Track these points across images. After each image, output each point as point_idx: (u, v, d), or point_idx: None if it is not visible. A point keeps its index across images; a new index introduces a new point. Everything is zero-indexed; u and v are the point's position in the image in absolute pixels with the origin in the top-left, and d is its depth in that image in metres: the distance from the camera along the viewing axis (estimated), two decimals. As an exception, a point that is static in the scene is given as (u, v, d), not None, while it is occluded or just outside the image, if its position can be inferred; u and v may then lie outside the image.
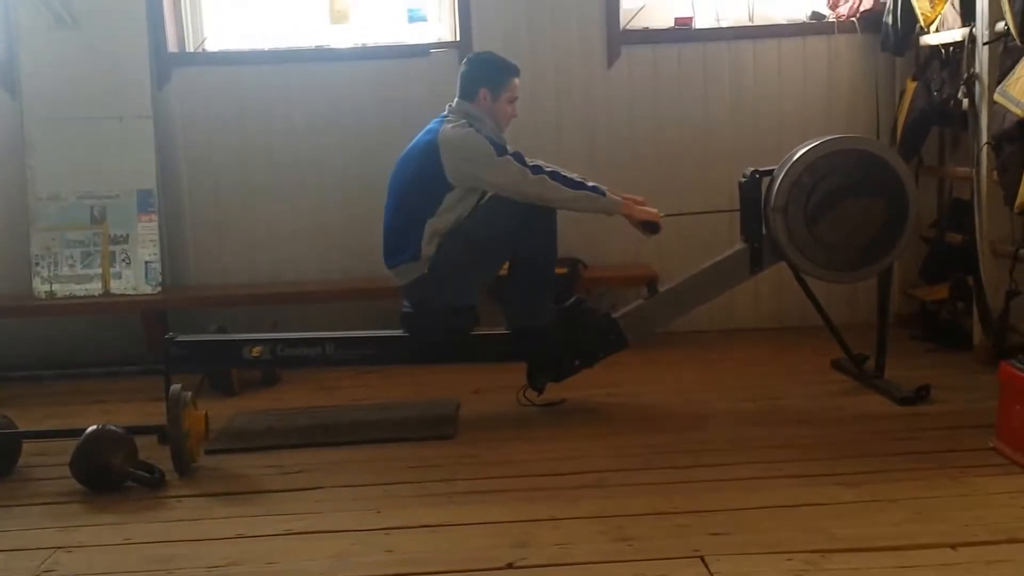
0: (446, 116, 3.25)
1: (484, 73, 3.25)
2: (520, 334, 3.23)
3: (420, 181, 3.18)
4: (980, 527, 2.25)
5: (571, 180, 3.17)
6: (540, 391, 3.26)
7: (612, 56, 4.26)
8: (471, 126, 3.18)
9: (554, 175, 3.15)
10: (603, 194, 3.18)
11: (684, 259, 3.47)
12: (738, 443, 2.89)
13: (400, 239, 3.22)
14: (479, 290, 3.29)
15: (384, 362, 3.46)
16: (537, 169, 3.14)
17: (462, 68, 3.30)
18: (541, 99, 4.22)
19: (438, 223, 3.16)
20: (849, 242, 3.17)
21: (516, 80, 3.30)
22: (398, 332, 3.29)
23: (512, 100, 3.29)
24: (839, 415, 3.12)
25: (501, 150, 3.14)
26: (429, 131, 3.24)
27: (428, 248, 3.17)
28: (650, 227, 3.26)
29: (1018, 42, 3.16)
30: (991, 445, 2.72)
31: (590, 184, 3.19)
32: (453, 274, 3.15)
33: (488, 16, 4.20)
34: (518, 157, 3.15)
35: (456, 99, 3.27)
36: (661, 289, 3.34)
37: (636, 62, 4.27)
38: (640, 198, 3.30)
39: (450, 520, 2.42)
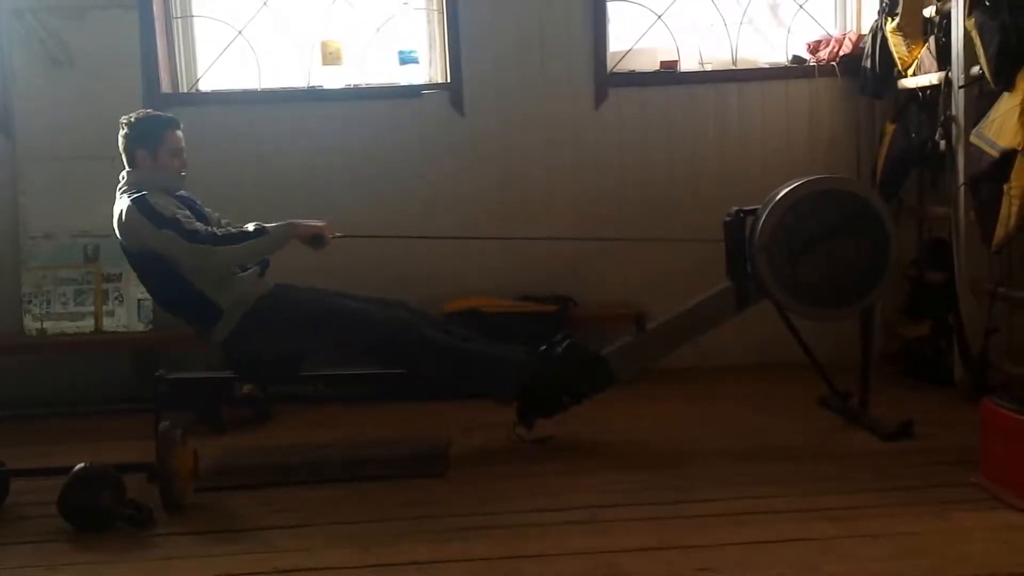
0: (121, 187, 3.17)
1: (136, 135, 3.18)
2: (522, 390, 3.22)
3: (139, 263, 3.14)
4: (963, 561, 2.28)
5: (231, 236, 3.13)
6: (530, 427, 3.28)
7: (600, 98, 4.34)
8: (137, 194, 3.07)
9: (215, 238, 3.06)
10: (266, 231, 3.15)
11: (671, 297, 3.51)
12: (725, 479, 2.91)
13: (185, 310, 3.17)
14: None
15: (374, 399, 3.47)
16: (194, 235, 3.02)
17: (119, 138, 3.21)
18: (531, 139, 4.30)
19: (202, 274, 3.08)
20: (832, 280, 3.22)
21: (175, 132, 3.21)
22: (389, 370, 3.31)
23: (174, 153, 3.20)
24: (825, 451, 3.15)
25: (160, 222, 3.02)
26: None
27: (223, 297, 3.09)
28: (315, 241, 3.26)
29: (992, 86, 3.25)
30: (974, 480, 2.75)
31: (250, 228, 3.16)
32: (275, 329, 3.10)
33: (478, 58, 4.28)
34: (174, 225, 3.02)
35: (123, 171, 3.20)
36: (649, 327, 3.38)
37: (624, 104, 4.35)
38: (312, 217, 3.29)
39: (440, 557, 2.43)
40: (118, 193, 3.17)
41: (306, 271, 4.29)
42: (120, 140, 3.21)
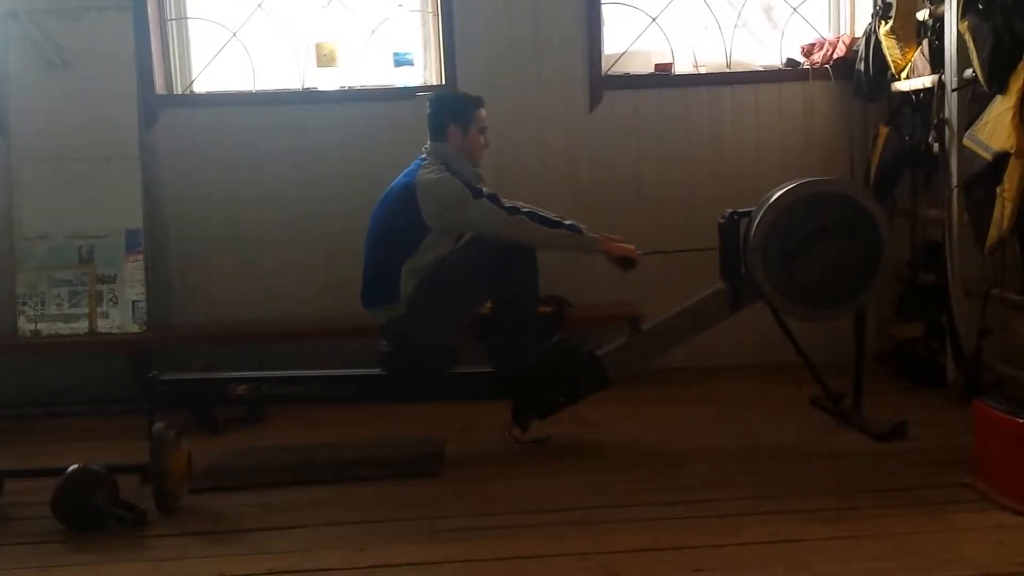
0: (423, 160, 3.30)
1: (449, 110, 3.32)
2: (505, 374, 3.26)
3: (398, 224, 3.23)
4: (956, 562, 2.29)
5: (548, 219, 3.23)
6: (525, 428, 3.29)
7: (594, 100, 4.35)
8: (448, 169, 3.23)
9: (532, 215, 3.21)
10: (580, 232, 3.24)
11: (666, 298, 3.52)
12: (719, 480, 2.92)
13: (378, 280, 3.26)
14: (461, 329, 3.31)
15: (370, 400, 3.47)
16: (514, 210, 3.20)
17: (428, 111, 3.37)
18: (525, 141, 4.31)
19: (415, 265, 3.20)
20: (825, 282, 3.24)
21: (482, 111, 3.36)
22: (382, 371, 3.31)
23: (482, 130, 3.35)
24: (818, 452, 3.16)
25: (477, 193, 3.19)
26: (408, 174, 3.30)
27: (406, 289, 3.20)
28: (627, 263, 3.32)
29: (985, 88, 3.27)
30: (966, 481, 2.76)
31: (568, 222, 3.25)
32: (430, 314, 3.19)
33: (473, 60, 4.29)
34: (493, 199, 3.20)
35: (429, 142, 3.33)
36: (644, 328, 3.39)
37: (617, 106, 4.36)
38: (618, 236, 3.35)
39: (435, 558, 2.43)
40: (419, 165, 3.26)
41: (301, 269, 4.33)
42: (431, 112, 3.34)
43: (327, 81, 4.43)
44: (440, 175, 3.21)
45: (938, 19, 3.66)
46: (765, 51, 4.54)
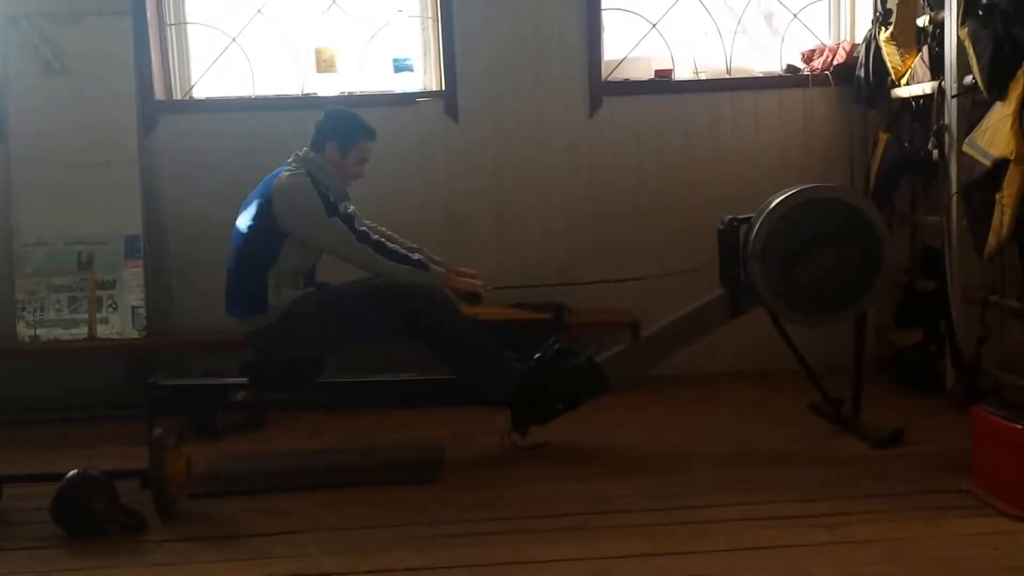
0: (289, 163, 3.27)
1: (336, 129, 3.27)
2: (505, 397, 3.23)
3: (258, 227, 3.19)
4: (954, 567, 2.29)
5: (395, 253, 3.19)
6: (524, 434, 3.29)
7: (594, 106, 4.35)
8: (309, 175, 3.19)
9: (378, 247, 3.16)
10: (426, 267, 3.21)
11: (666, 305, 3.52)
12: (718, 485, 2.92)
13: (243, 288, 3.23)
14: (340, 351, 3.24)
15: (369, 405, 3.47)
16: (363, 237, 3.15)
17: (318, 118, 3.32)
18: (525, 146, 4.32)
19: (280, 271, 3.17)
20: (825, 288, 3.24)
21: (369, 143, 3.31)
22: (385, 376, 3.31)
23: (360, 161, 3.30)
24: (816, 457, 3.16)
25: (332, 210, 3.14)
26: (269, 177, 3.26)
27: (276, 298, 3.16)
28: (471, 298, 3.32)
29: (985, 95, 3.27)
30: (964, 487, 2.76)
31: (415, 257, 3.22)
32: (306, 328, 3.14)
33: (473, 66, 4.30)
34: (347, 220, 3.16)
35: (305, 148, 3.30)
36: (643, 334, 3.39)
37: (618, 112, 4.36)
38: (469, 270, 3.34)
39: (434, 563, 2.43)
40: (285, 168, 3.23)
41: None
42: (319, 120, 3.30)
43: (327, 87, 4.44)
44: (299, 180, 3.17)
45: (938, 25, 3.67)
46: (765, 57, 4.55)
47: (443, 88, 4.34)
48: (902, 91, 3.94)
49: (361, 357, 3.84)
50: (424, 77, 4.45)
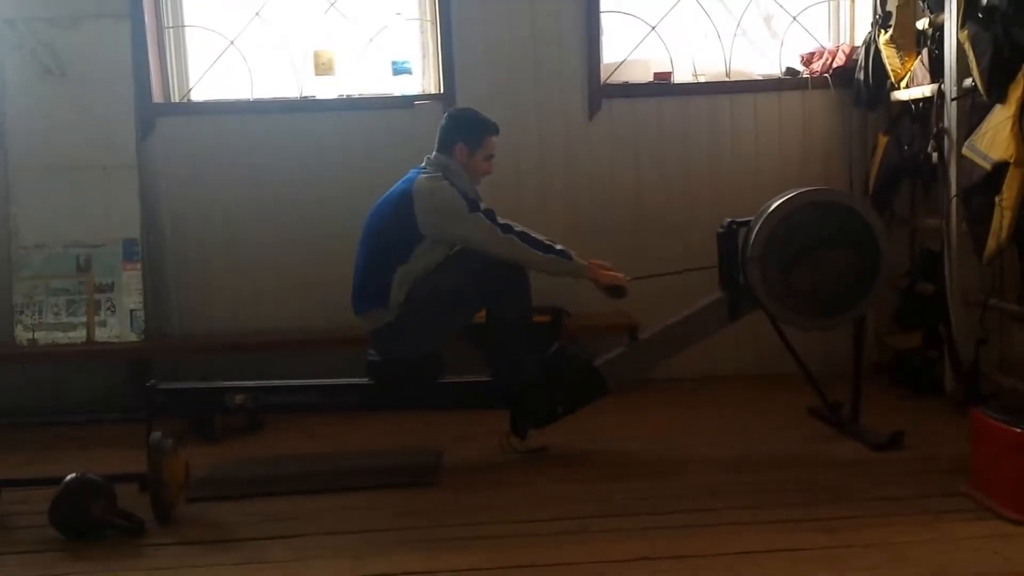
0: (423, 167, 3.31)
1: (462, 129, 3.32)
2: (504, 385, 3.25)
3: (393, 229, 3.23)
4: (953, 571, 2.29)
5: (539, 242, 3.21)
6: (523, 438, 3.29)
7: (593, 109, 4.35)
8: (446, 179, 3.23)
9: (523, 236, 3.19)
10: (569, 258, 3.23)
11: (664, 307, 3.52)
12: (717, 489, 2.92)
13: (370, 285, 3.25)
14: (452, 338, 3.28)
15: (368, 409, 3.47)
16: (507, 228, 3.19)
17: (442, 122, 3.37)
18: (524, 148, 4.31)
19: (407, 272, 3.19)
20: (824, 291, 3.24)
21: (493, 138, 3.35)
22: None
23: (488, 157, 3.35)
24: (815, 461, 3.16)
25: (473, 206, 3.19)
26: (406, 180, 3.30)
27: (396, 296, 3.19)
28: (616, 291, 3.31)
29: (985, 98, 3.27)
30: (964, 490, 2.76)
31: (558, 247, 3.23)
32: (419, 323, 3.18)
33: (471, 69, 4.29)
34: (489, 214, 3.20)
35: (434, 152, 3.34)
36: (641, 337, 3.39)
37: (617, 115, 4.36)
38: (606, 263, 3.34)
39: (432, 567, 2.43)
40: (419, 172, 3.27)
41: (299, 279, 4.33)
42: (443, 124, 3.34)
43: (325, 89, 4.44)
44: (438, 183, 3.22)
45: (938, 28, 3.67)
46: (764, 60, 4.55)
47: (442, 91, 4.34)
48: (902, 94, 3.94)
49: (359, 360, 3.85)
50: (423, 80, 4.45)
